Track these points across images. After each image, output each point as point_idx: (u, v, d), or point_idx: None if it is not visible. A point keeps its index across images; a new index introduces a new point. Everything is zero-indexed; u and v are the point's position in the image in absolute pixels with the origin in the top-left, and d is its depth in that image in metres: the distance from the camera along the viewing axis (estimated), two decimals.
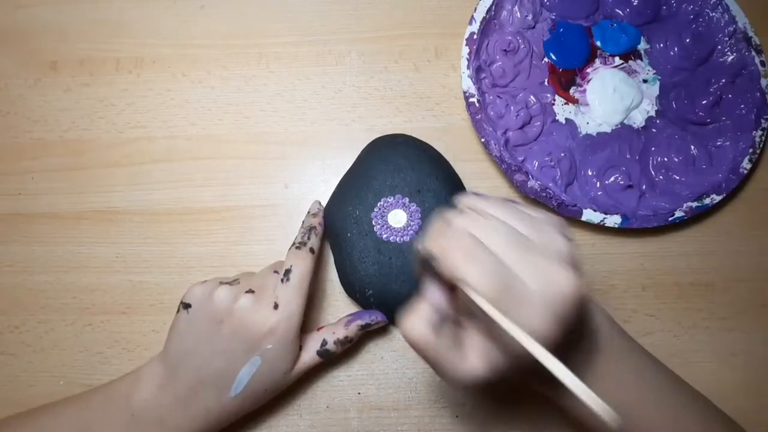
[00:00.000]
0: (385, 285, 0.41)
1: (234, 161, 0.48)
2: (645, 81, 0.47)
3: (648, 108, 0.47)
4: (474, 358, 0.29)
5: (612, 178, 0.45)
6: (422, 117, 0.48)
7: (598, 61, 0.48)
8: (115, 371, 0.41)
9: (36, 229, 0.47)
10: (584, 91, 0.47)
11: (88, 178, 0.47)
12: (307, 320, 0.43)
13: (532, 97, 0.47)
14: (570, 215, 0.44)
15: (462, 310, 0.30)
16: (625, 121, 0.47)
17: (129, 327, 0.44)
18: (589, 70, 0.47)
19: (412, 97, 0.49)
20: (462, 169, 0.45)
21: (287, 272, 0.37)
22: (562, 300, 0.27)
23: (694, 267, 0.45)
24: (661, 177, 0.45)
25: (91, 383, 0.42)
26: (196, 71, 0.50)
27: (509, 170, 0.45)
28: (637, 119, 0.47)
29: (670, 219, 0.44)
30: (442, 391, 0.43)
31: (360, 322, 0.40)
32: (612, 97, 0.46)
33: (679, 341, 0.44)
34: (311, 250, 0.39)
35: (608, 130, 0.46)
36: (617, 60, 0.48)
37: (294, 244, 0.39)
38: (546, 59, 0.48)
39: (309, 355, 0.39)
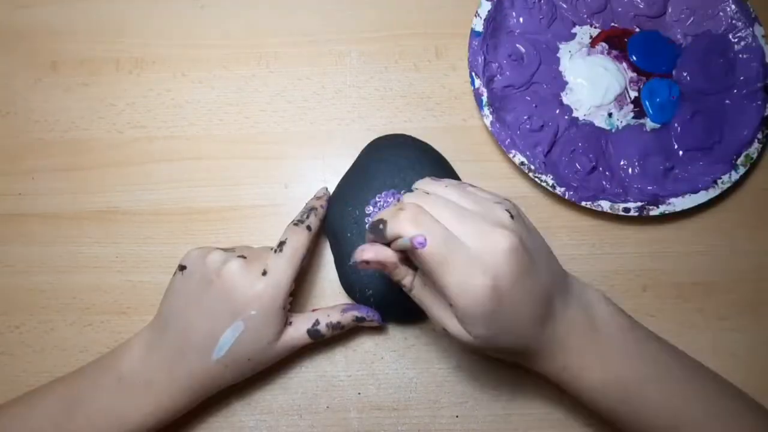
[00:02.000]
0: (385, 285, 0.41)
1: (234, 161, 0.48)
2: None
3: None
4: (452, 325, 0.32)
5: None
6: (422, 117, 0.48)
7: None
8: None
9: (36, 229, 0.47)
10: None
11: (88, 178, 0.47)
12: (304, 308, 0.44)
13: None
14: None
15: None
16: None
17: (129, 327, 0.44)
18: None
19: (412, 97, 0.49)
20: (462, 169, 0.45)
21: (281, 244, 0.38)
22: (497, 252, 0.30)
23: (694, 267, 0.45)
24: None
25: None
26: (196, 71, 0.50)
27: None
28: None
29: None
30: (442, 391, 0.43)
31: (356, 313, 0.40)
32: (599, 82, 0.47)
33: (679, 341, 0.44)
34: (308, 228, 0.40)
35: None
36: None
37: (292, 221, 0.40)
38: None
39: (298, 332, 0.39)
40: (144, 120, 0.49)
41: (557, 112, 0.47)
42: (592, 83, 0.47)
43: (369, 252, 0.33)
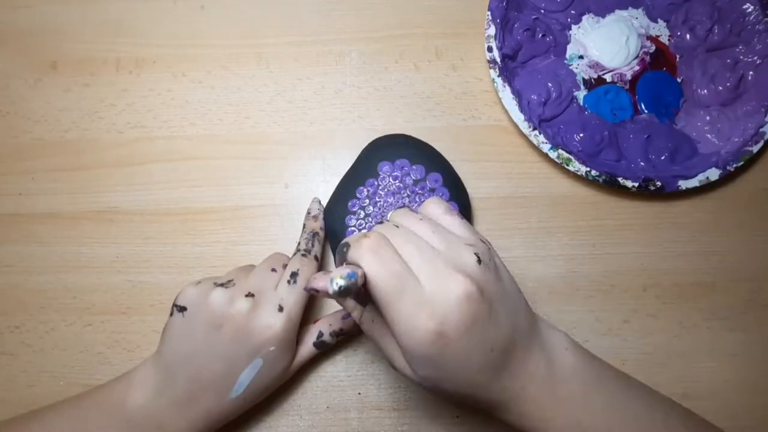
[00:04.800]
0: None
1: (234, 161, 0.48)
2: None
3: None
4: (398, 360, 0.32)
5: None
6: (422, 117, 0.48)
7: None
8: (115, 371, 0.41)
9: (36, 229, 0.47)
10: None
11: (88, 178, 0.47)
12: (306, 320, 0.44)
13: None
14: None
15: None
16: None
17: (129, 327, 0.44)
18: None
19: (412, 97, 0.49)
20: (462, 168, 0.45)
21: (294, 275, 0.38)
22: (450, 298, 0.29)
23: (694, 267, 0.45)
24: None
25: (91, 383, 0.42)
26: (196, 71, 0.50)
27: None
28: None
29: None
30: None
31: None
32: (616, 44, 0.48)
33: (679, 341, 0.44)
34: (316, 258, 0.40)
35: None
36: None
37: (299, 250, 0.40)
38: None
39: (306, 348, 0.40)
40: (144, 120, 0.49)
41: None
42: (609, 46, 0.48)
43: (320, 281, 0.31)
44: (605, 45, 0.48)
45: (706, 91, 0.47)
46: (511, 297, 0.32)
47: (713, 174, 0.44)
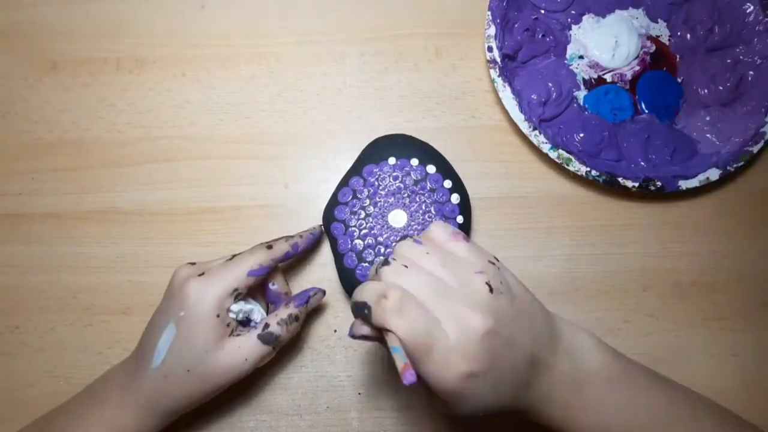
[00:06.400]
0: None
1: (234, 161, 0.48)
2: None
3: None
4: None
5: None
6: (422, 117, 0.48)
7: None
8: None
9: (36, 229, 0.47)
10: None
11: (88, 178, 0.47)
12: (309, 318, 0.44)
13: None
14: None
15: None
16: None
17: (129, 327, 0.44)
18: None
19: (412, 97, 0.49)
20: (462, 169, 0.45)
21: (234, 256, 0.39)
22: (474, 340, 0.30)
23: (694, 267, 0.45)
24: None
25: None
26: (196, 71, 0.50)
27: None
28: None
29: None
30: None
31: (301, 298, 0.40)
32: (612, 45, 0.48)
33: (679, 341, 0.44)
34: (268, 246, 0.39)
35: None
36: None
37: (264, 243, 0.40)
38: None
39: (248, 341, 0.36)
40: (144, 120, 0.49)
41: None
42: (609, 46, 0.48)
43: (362, 329, 0.32)
44: (605, 45, 0.48)
45: (706, 90, 0.47)
46: (528, 312, 0.33)
47: (714, 174, 0.44)
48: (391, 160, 0.44)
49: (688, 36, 0.48)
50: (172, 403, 0.37)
